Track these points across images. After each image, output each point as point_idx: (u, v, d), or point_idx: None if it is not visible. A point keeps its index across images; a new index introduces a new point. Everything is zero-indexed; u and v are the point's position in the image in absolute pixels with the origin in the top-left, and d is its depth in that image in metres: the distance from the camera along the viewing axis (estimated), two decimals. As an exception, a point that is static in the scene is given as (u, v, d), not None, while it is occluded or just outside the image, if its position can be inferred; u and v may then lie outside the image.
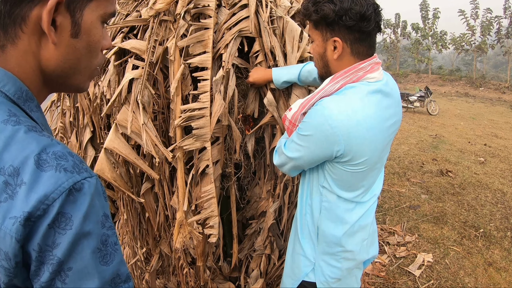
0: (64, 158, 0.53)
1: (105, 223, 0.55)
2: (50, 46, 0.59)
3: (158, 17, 1.69)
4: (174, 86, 1.55)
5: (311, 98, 1.24)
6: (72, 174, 0.52)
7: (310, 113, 1.18)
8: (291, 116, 1.30)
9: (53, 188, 0.49)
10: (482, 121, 10.99)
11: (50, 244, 0.49)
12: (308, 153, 1.22)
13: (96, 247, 0.52)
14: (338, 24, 1.13)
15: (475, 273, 3.28)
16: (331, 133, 1.12)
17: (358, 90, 1.17)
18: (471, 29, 20.18)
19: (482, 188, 5.24)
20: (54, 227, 0.49)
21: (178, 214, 1.61)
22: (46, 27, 0.56)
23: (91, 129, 2.08)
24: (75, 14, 0.59)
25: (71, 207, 0.50)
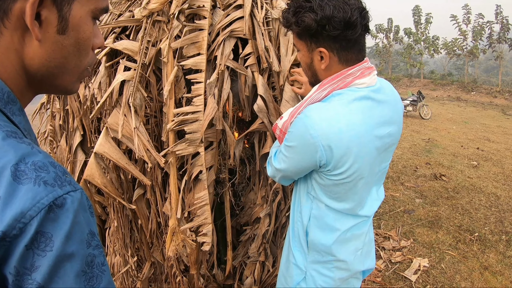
0: (45, 169, 0.47)
1: (91, 241, 0.49)
2: (34, 43, 0.53)
3: (152, 18, 1.65)
4: (167, 88, 1.49)
5: (299, 106, 1.20)
6: (53, 188, 0.46)
7: (294, 123, 1.14)
8: (282, 124, 1.26)
9: (30, 204, 0.44)
10: (474, 125, 11.07)
11: (28, 267, 0.44)
12: (293, 164, 1.18)
13: (81, 269, 0.47)
14: (322, 35, 1.06)
15: (471, 277, 3.27)
16: (312, 143, 1.08)
17: (344, 96, 1.11)
18: (463, 34, 20.40)
19: (476, 191, 5.24)
20: (33, 248, 0.44)
21: (170, 221, 1.55)
22: (30, 22, 0.51)
23: (81, 133, 2.01)
24: (62, 8, 0.54)
25: (51, 225, 0.45)
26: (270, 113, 1.56)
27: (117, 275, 2.07)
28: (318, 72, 1.17)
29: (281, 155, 1.23)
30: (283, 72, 1.54)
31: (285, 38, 1.56)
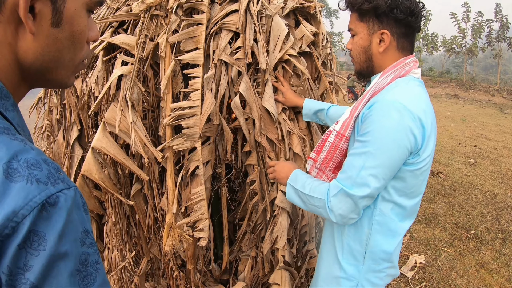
0: (38, 166, 0.46)
1: (85, 240, 0.48)
2: (28, 36, 0.52)
3: (149, 12, 1.64)
4: (164, 83, 1.49)
5: (362, 98, 1.15)
6: (46, 186, 0.45)
7: (376, 114, 1.06)
8: (341, 126, 1.17)
9: (22, 203, 0.43)
10: (472, 123, 11.08)
11: (21, 266, 0.43)
12: (388, 167, 1.06)
13: (75, 269, 0.46)
14: (388, 17, 1.11)
15: (467, 274, 3.29)
16: (406, 125, 1.03)
17: (410, 82, 1.12)
18: (462, 32, 20.39)
19: (472, 189, 5.26)
20: (26, 248, 0.43)
21: (167, 216, 1.55)
22: (23, 15, 0.50)
23: (79, 127, 2.01)
24: (56, 1, 0.53)
25: (44, 224, 0.44)
26: (252, 109, 1.55)
27: (115, 270, 2.07)
28: (374, 56, 1.18)
29: (363, 172, 1.07)
30: (269, 68, 1.54)
31: (276, 34, 1.56)
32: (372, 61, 1.19)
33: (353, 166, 1.09)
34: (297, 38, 1.68)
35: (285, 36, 1.57)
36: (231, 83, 1.52)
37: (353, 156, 1.10)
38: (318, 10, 1.84)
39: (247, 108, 1.54)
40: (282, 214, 1.67)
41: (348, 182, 1.09)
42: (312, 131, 1.77)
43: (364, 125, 1.09)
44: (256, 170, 1.64)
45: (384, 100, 1.06)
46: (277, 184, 1.69)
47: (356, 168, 1.08)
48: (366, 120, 1.08)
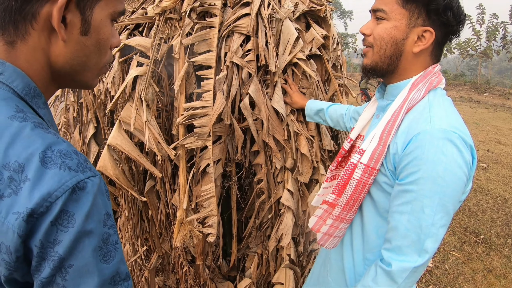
0: (69, 156, 0.53)
1: (107, 222, 0.55)
2: (59, 43, 0.60)
3: (164, 15, 1.70)
4: (178, 84, 1.55)
5: (394, 121, 0.94)
6: (76, 173, 0.52)
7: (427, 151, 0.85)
8: (370, 157, 0.95)
9: (56, 186, 0.50)
10: (485, 127, 10.93)
11: (52, 241, 0.49)
12: (452, 210, 0.89)
13: (97, 245, 0.53)
14: (438, 16, 0.93)
15: (474, 279, 3.27)
16: (467, 161, 0.86)
17: (443, 96, 0.97)
18: (476, 34, 20.08)
19: (483, 194, 5.21)
20: (57, 225, 0.50)
21: (178, 212, 1.61)
22: (57, 24, 0.57)
23: (95, 125, 2.09)
24: (85, 12, 0.60)
25: (74, 205, 0.51)
26: (260, 109, 1.59)
27: (127, 264, 2.14)
28: (404, 54, 0.97)
29: (433, 229, 0.86)
30: (278, 70, 1.58)
31: (286, 38, 1.60)
32: (399, 60, 0.98)
33: (417, 227, 0.87)
34: (307, 41, 1.72)
35: (294, 39, 1.62)
36: (242, 84, 1.57)
37: (410, 215, 0.88)
38: (328, 13, 1.88)
39: (256, 109, 1.59)
40: (287, 213, 1.71)
41: (418, 251, 0.88)
42: (321, 132, 1.81)
43: (410, 166, 0.88)
44: (264, 170, 1.69)
45: (431, 130, 0.86)
46: (283, 183, 1.73)
47: (423, 229, 0.87)
48: (412, 160, 0.88)
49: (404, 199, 0.90)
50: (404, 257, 0.89)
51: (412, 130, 0.90)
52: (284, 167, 1.72)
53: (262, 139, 1.63)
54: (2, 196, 0.49)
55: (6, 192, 0.49)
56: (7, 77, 0.57)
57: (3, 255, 0.50)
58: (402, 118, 0.94)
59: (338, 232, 1.08)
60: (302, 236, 1.84)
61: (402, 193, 0.90)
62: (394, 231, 0.91)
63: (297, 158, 1.68)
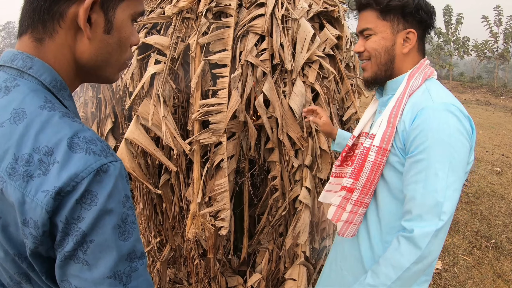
0: (94, 142, 0.58)
1: (126, 203, 0.60)
2: (84, 40, 0.65)
3: (181, 15, 1.75)
4: (194, 81, 1.60)
5: (399, 106, 1.05)
6: (100, 157, 0.57)
7: (432, 122, 0.96)
8: (381, 139, 1.05)
9: (82, 168, 0.55)
10: (501, 131, 10.73)
11: (76, 217, 0.54)
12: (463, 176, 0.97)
13: (117, 223, 0.57)
14: (413, 16, 1.07)
15: (483, 283, 3.24)
16: (467, 128, 0.97)
17: (440, 84, 1.08)
18: (494, 36, 19.70)
19: (496, 198, 5.14)
20: (81, 203, 0.54)
21: (192, 205, 1.66)
22: (83, 24, 0.62)
23: (113, 120, 2.15)
24: (108, 13, 0.65)
25: (97, 186, 0.55)
26: (274, 107, 1.62)
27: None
28: (397, 57, 1.10)
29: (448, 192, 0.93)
30: (296, 68, 1.61)
31: (303, 36, 1.64)
32: (393, 63, 1.10)
33: (433, 191, 0.94)
34: (321, 41, 1.75)
35: (311, 37, 1.65)
36: (256, 82, 1.61)
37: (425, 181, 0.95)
38: (342, 13, 1.91)
39: (270, 107, 1.63)
40: (305, 211, 1.74)
41: (437, 214, 0.94)
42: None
43: (419, 138, 0.97)
44: (278, 167, 1.72)
45: (433, 105, 0.98)
46: (301, 182, 1.75)
47: (439, 192, 0.94)
48: (420, 132, 0.97)
49: (416, 169, 0.97)
50: (425, 223, 0.94)
51: (416, 107, 1.01)
52: (303, 164, 1.75)
53: (277, 136, 1.66)
54: (32, 176, 0.54)
55: (36, 173, 0.54)
56: (36, 71, 0.62)
57: (30, 230, 0.54)
58: (405, 102, 1.05)
59: (357, 218, 1.14)
60: (317, 233, 1.87)
61: (414, 164, 0.98)
62: (412, 201, 0.98)
63: (317, 155, 1.71)
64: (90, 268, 0.55)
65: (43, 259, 0.58)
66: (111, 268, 0.56)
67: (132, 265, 0.59)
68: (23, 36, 0.64)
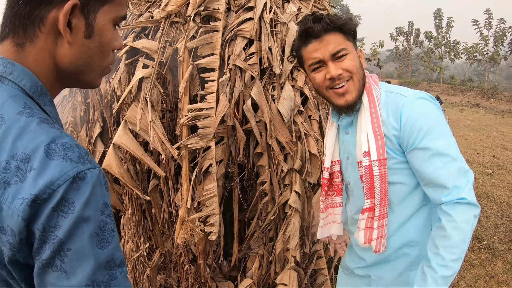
0: (71, 149, 0.57)
1: (104, 211, 0.59)
2: (65, 45, 0.64)
3: (169, 19, 1.74)
4: (182, 86, 1.59)
5: (376, 117, 1.13)
6: (77, 164, 0.56)
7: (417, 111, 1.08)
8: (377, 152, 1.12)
9: (59, 175, 0.54)
10: (492, 133, 10.86)
11: (52, 225, 0.54)
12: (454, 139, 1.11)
13: (94, 231, 0.56)
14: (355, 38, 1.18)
15: (476, 285, 3.25)
16: (436, 103, 1.12)
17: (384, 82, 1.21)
18: (484, 39, 19.98)
19: (488, 200, 5.18)
20: (58, 210, 0.54)
21: (181, 210, 1.65)
22: (62, 28, 0.61)
23: (101, 124, 2.14)
24: (89, 17, 0.65)
25: (74, 193, 0.55)
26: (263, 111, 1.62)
27: (129, 261, 2.18)
28: (363, 72, 1.17)
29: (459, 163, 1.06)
30: (285, 72, 1.61)
31: (291, 40, 1.64)
32: (364, 79, 1.16)
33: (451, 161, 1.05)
34: (310, 45, 1.75)
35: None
36: (245, 87, 1.61)
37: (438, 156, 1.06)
38: (331, 18, 1.91)
39: (259, 111, 1.63)
40: (295, 215, 1.74)
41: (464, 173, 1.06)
42: (324, 133, 1.84)
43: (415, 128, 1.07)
44: (267, 171, 1.72)
45: (408, 99, 1.10)
46: (290, 186, 1.74)
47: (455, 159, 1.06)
48: (411, 124, 1.07)
49: (427, 155, 1.06)
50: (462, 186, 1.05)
51: (395, 108, 1.11)
52: (292, 169, 1.75)
53: (266, 140, 1.66)
54: (9, 183, 0.54)
55: (13, 180, 0.54)
56: (16, 76, 0.62)
57: (8, 237, 0.54)
58: (380, 110, 1.12)
59: (384, 230, 1.18)
60: (308, 238, 1.86)
61: (422, 151, 1.07)
62: (440, 180, 1.05)
63: (306, 159, 1.71)
64: (68, 276, 0.54)
65: (22, 266, 0.57)
66: (89, 276, 0.55)
67: (111, 273, 0.58)
68: (5, 41, 0.63)
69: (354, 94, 1.13)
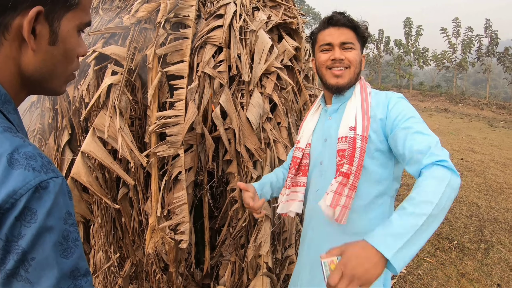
0: (34, 158, 0.57)
1: (68, 220, 0.58)
2: (29, 52, 0.63)
3: (139, 25, 1.73)
4: (151, 93, 1.58)
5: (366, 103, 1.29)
6: (40, 174, 0.56)
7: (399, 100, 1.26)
8: (362, 129, 1.24)
9: (21, 184, 0.54)
10: (460, 136, 11.25)
11: (16, 235, 0.53)
12: None
13: (58, 240, 0.56)
14: (364, 44, 1.35)
15: (448, 284, 3.33)
16: None
17: None
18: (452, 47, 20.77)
19: (457, 201, 5.34)
20: (21, 220, 0.53)
21: (150, 219, 1.63)
22: (27, 35, 0.61)
23: (69, 132, 2.08)
24: (53, 24, 0.64)
25: (36, 203, 0.54)
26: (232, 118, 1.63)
27: (100, 271, 2.13)
28: (360, 70, 1.35)
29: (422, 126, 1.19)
30: (254, 79, 1.63)
31: (261, 47, 1.66)
32: (358, 76, 1.34)
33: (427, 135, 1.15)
34: (279, 52, 1.78)
35: (269, 48, 1.67)
36: (213, 94, 1.61)
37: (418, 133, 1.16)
38: (301, 25, 1.95)
39: (227, 119, 1.63)
40: (266, 221, 1.74)
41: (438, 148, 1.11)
42: (292, 139, 1.86)
43: (400, 114, 1.21)
44: (237, 178, 1.72)
45: (394, 95, 1.28)
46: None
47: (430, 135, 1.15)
48: (395, 105, 1.24)
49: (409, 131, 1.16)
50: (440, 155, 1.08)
51: (383, 100, 1.27)
52: (262, 175, 1.74)
53: (235, 148, 1.66)
54: None
55: None
56: None
57: None
58: (371, 99, 1.28)
59: (350, 203, 1.23)
60: (279, 244, 1.87)
61: (404, 130, 1.17)
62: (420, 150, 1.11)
63: (276, 165, 1.72)
64: (33, 286, 0.54)
65: None
66: (53, 286, 0.55)
67: (76, 283, 0.58)
68: None
69: (346, 80, 1.29)
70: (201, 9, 1.81)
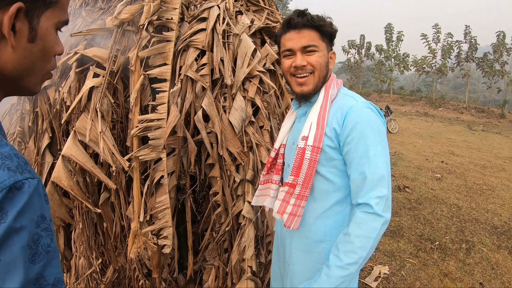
0: (10, 158, 0.56)
1: (40, 224, 0.57)
2: (8, 49, 0.62)
3: (122, 27, 1.71)
4: (133, 96, 1.56)
5: (324, 110, 1.24)
6: (15, 174, 0.55)
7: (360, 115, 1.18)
8: (313, 139, 1.21)
9: None
10: (440, 140, 11.50)
11: None
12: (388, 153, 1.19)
13: (27, 244, 0.55)
14: (332, 41, 1.30)
15: (431, 284, 3.38)
16: (382, 119, 1.22)
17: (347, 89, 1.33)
18: (432, 52, 21.28)
19: (438, 203, 5.45)
20: None
21: (133, 224, 1.60)
22: (7, 32, 0.60)
23: (50, 135, 2.04)
24: (32, 21, 0.64)
25: (8, 203, 0.53)
26: (214, 123, 1.63)
27: (82, 278, 2.08)
28: (327, 72, 1.29)
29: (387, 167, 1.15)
30: (237, 83, 1.63)
31: (243, 51, 1.67)
32: (326, 75, 1.29)
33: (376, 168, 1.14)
34: (262, 56, 1.79)
35: (252, 52, 1.68)
36: (196, 98, 1.61)
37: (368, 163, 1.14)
38: (284, 30, 1.96)
39: (210, 122, 1.63)
40: (249, 225, 1.74)
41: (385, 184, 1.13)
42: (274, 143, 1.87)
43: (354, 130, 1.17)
44: (219, 182, 1.72)
45: (358, 104, 1.21)
46: (243, 196, 1.75)
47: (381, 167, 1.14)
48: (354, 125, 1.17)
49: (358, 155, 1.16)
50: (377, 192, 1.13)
51: (344, 108, 1.22)
52: (244, 179, 1.76)
53: (217, 151, 1.66)
54: None
55: None
56: None
57: None
58: (329, 107, 1.24)
59: (300, 211, 1.27)
60: (263, 247, 1.87)
61: (355, 152, 1.16)
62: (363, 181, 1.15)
63: (258, 169, 1.73)
64: None
65: None
66: None
67: None
68: None
69: (310, 87, 1.26)
70: (185, 12, 1.81)
